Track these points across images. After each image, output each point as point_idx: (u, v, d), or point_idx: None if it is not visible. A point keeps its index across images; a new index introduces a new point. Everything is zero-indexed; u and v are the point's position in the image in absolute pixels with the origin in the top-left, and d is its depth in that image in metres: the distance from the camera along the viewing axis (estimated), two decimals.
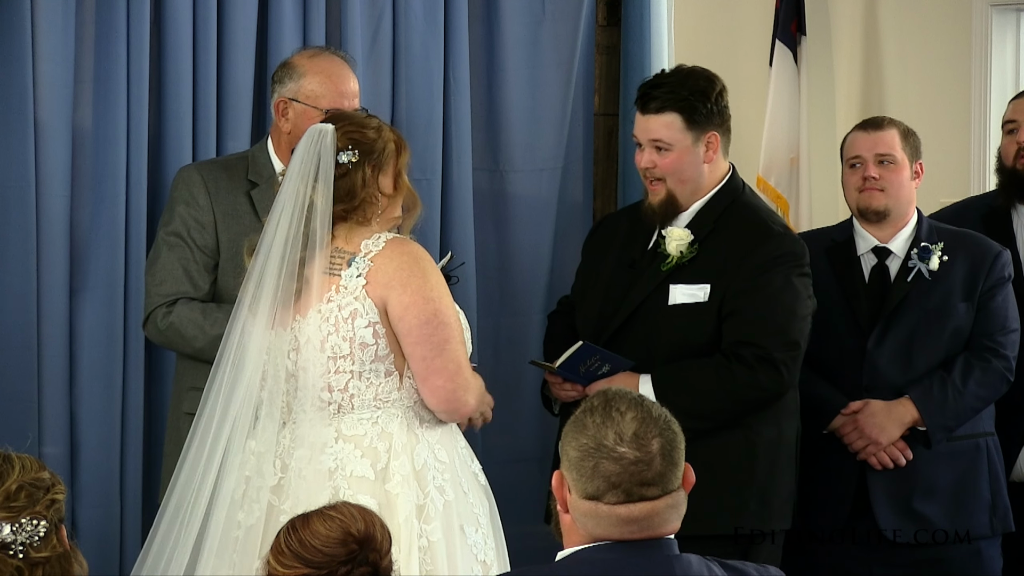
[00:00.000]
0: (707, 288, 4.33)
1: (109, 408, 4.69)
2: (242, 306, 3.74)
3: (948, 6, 5.66)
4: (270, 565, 2.87)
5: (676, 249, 4.36)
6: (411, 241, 3.82)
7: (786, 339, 4.29)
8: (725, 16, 5.91)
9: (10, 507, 2.73)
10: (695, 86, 4.37)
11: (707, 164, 4.39)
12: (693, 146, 4.37)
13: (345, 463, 3.70)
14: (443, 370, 3.75)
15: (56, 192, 4.60)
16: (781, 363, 4.28)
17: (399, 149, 3.82)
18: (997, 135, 5.21)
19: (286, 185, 3.74)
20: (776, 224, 4.44)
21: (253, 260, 3.74)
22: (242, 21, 4.88)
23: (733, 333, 4.30)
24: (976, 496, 4.63)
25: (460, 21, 5.26)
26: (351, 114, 3.90)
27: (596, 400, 2.79)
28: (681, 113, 4.35)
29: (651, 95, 4.38)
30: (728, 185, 4.44)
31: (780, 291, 4.31)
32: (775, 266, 4.32)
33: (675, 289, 4.35)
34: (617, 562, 2.73)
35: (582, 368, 4.33)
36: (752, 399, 4.30)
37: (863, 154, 4.69)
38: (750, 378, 4.27)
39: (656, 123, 4.37)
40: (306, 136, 3.78)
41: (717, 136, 4.38)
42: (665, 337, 4.34)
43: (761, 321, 4.29)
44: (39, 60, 4.54)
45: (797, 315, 4.32)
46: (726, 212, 4.40)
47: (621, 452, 2.72)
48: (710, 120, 4.37)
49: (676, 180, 4.38)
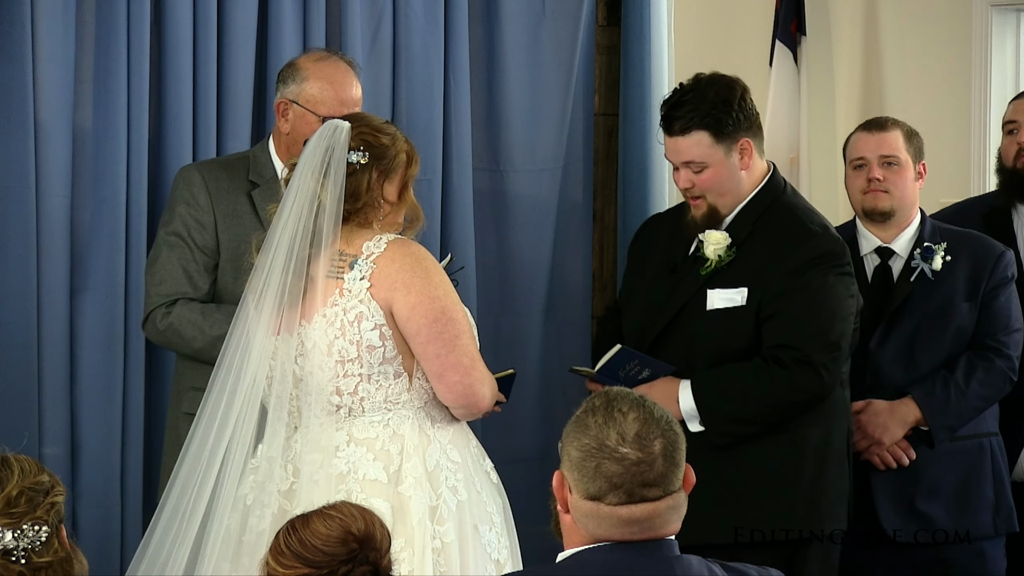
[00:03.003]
0: (744, 292, 4.30)
1: (109, 408, 4.69)
2: (247, 303, 3.74)
3: (948, 6, 5.66)
4: (269, 566, 2.87)
5: (714, 253, 4.33)
6: (412, 241, 3.81)
7: (825, 340, 4.25)
8: (725, 16, 5.91)
9: (11, 513, 2.73)
10: (716, 97, 4.30)
11: (744, 171, 4.34)
12: (727, 157, 4.31)
13: (357, 466, 3.69)
14: (458, 365, 3.74)
15: (56, 192, 4.60)
16: (820, 365, 4.24)
17: (410, 161, 3.81)
18: (997, 135, 5.21)
19: (296, 178, 3.73)
20: (814, 224, 4.37)
21: (261, 254, 3.74)
22: (242, 21, 4.88)
23: (772, 336, 4.27)
24: (980, 496, 4.63)
25: (460, 21, 5.26)
26: (370, 117, 3.88)
27: (598, 400, 2.79)
28: (708, 129, 4.29)
29: (674, 116, 4.32)
30: (768, 186, 4.38)
31: (818, 292, 4.27)
32: (813, 267, 4.27)
33: (712, 294, 4.32)
34: (618, 563, 2.74)
35: (622, 373, 4.32)
36: (793, 402, 4.26)
37: (867, 155, 4.69)
38: (789, 381, 4.23)
39: (685, 144, 4.31)
40: (321, 130, 3.77)
41: (750, 141, 4.33)
42: (705, 342, 4.32)
43: (799, 323, 4.25)
44: (39, 60, 4.54)
45: (837, 315, 4.28)
46: (765, 214, 4.35)
47: (623, 453, 2.72)
48: (739, 128, 4.31)
49: (716, 194, 4.34)
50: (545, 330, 5.45)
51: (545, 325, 5.44)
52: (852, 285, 4.34)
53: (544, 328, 5.44)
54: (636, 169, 5.52)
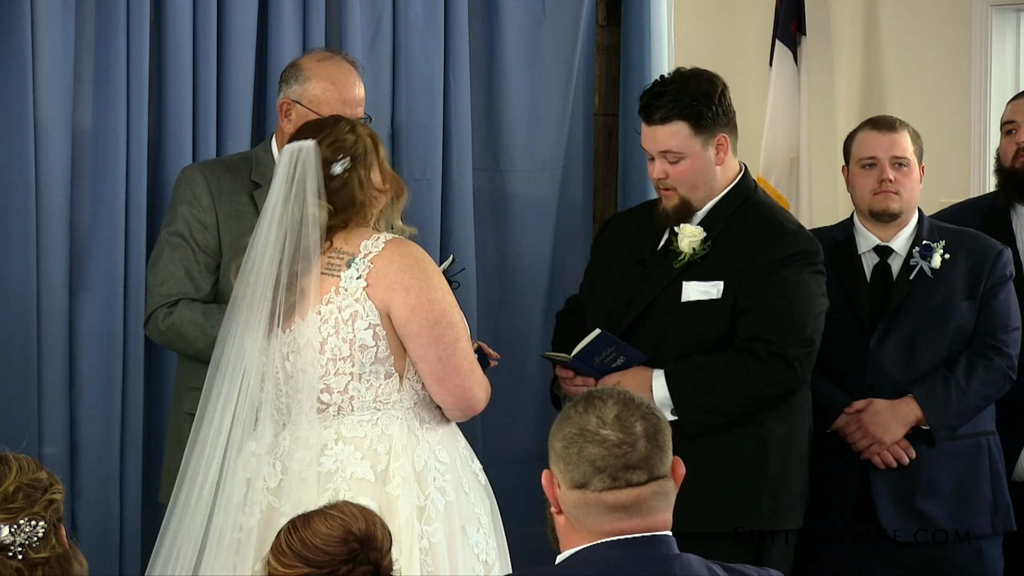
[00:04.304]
0: (720, 285, 4.31)
1: (109, 408, 4.69)
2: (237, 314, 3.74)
3: (948, 6, 5.66)
4: (270, 565, 2.87)
5: (689, 246, 4.34)
6: (410, 242, 3.81)
7: (800, 336, 4.27)
8: (725, 16, 5.91)
9: (8, 508, 2.73)
10: (698, 90, 4.33)
11: (719, 166, 4.36)
12: (703, 151, 4.33)
13: (345, 465, 3.69)
14: (459, 368, 3.75)
15: (56, 192, 4.60)
16: (794, 359, 4.26)
17: (375, 142, 3.82)
18: (997, 135, 5.21)
19: (269, 206, 3.72)
20: (790, 223, 4.42)
21: (241, 279, 3.73)
22: (242, 21, 4.88)
23: (747, 329, 4.28)
24: (978, 495, 4.63)
25: (460, 21, 5.26)
26: (322, 122, 3.86)
27: (579, 397, 2.81)
28: (687, 120, 4.31)
29: (654, 105, 4.33)
30: (740, 184, 4.41)
31: (794, 288, 4.29)
32: (789, 263, 4.30)
33: (688, 286, 4.33)
34: (617, 562, 2.73)
35: (597, 360, 4.32)
36: (764, 394, 4.28)
37: (879, 155, 4.68)
38: (762, 373, 4.25)
39: (663, 133, 4.33)
40: (285, 157, 3.75)
41: (727, 137, 4.35)
42: (678, 333, 4.33)
43: (775, 317, 4.27)
44: (39, 60, 4.54)
45: (811, 312, 4.31)
46: (739, 210, 4.37)
47: (604, 435, 2.72)
48: (717, 122, 4.33)
49: (689, 187, 4.35)
50: (545, 330, 5.44)
51: (545, 325, 5.44)
52: (824, 284, 4.38)
53: (544, 328, 5.43)
54: (636, 169, 5.52)
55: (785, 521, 4.34)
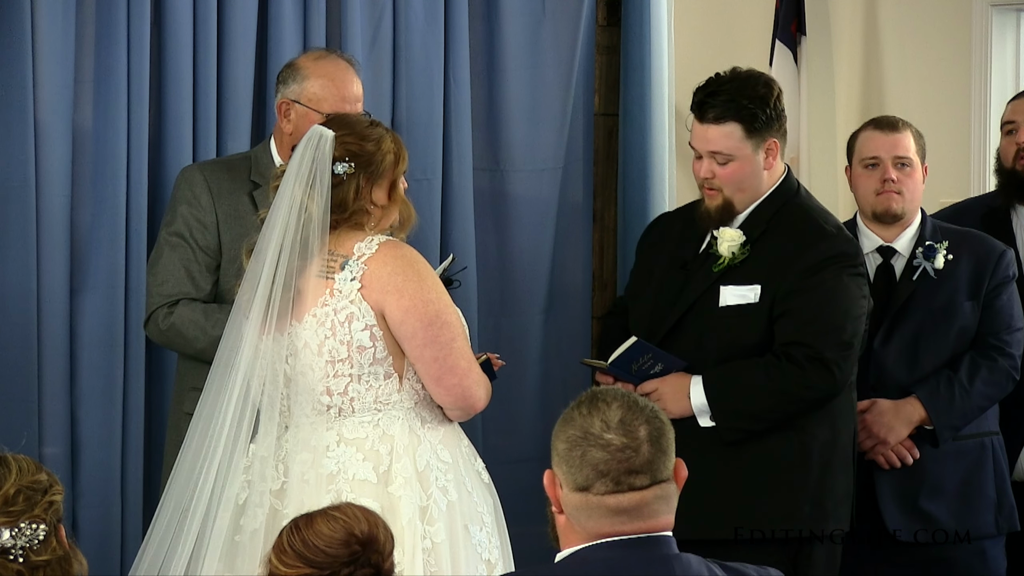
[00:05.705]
0: (757, 289, 4.28)
1: (109, 408, 4.69)
2: (238, 310, 3.74)
3: (948, 6, 5.66)
4: (272, 564, 2.86)
5: (728, 250, 4.30)
6: (403, 243, 3.80)
7: (838, 339, 4.23)
8: (725, 16, 5.91)
9: (8, 511, 2.73)
10: (754, 92, 4.26)
11: (767, 171, 4.32)
12: (753, 154, 4.28)
13: (347, 466, 3.69)
14: (456, 367, 3.74)
15: (56, 192, 4.60)
16: (832, 363, 4.22)
17: (397, 160, 3.79)
18: (997, 135, 5.21)
19: (284, 188, 3.73)
20: (829, 225, 4.36)
21: (252, 262, 3.74)
22: (242, 21, 4.88)
23: (784, 333, 4.25)
24: (982, 495, 4.63)
25: (460, 21, 5.26)
26: (354, 121, 3.83)
27: (583, 397, 2.81)
28: (741, 122, 4.25)
29: (709, 103, 4.27)
30: (782, 186, 4.36)
31: (832, 291, 4.25)
32: (827, 266, 4.26)
33: (725, 290, 4.30)
34: (617, 561, 2.73)
35: (634, 366, 4.31)
36: (804, 399, 4.24)
37: (882, 156, 4.67)
38: (801, 378, 4.22)
39: (715, 133, 4.27)
40: (305, 138, 3.76)
41: (777, 143, 4.30)
42: (716, 339, 4.30)
43: (813, 321, 4.23)
44: (39, 60, 4.54)
45: (850, 315, 4.26)
46: (779, 213, 4.33)
47: (608, 439, 2.72)
48: (770, 127, 4.28)
49: (735, 189, 4.31)
50: (545, 330, 5.45)
51: (545, 325, 5.44)
52: (865, 286, 4.33)
53: (544, 328, 5.44)
54: (636, 169, 5.52)
55: (828, 524, 4.30)
